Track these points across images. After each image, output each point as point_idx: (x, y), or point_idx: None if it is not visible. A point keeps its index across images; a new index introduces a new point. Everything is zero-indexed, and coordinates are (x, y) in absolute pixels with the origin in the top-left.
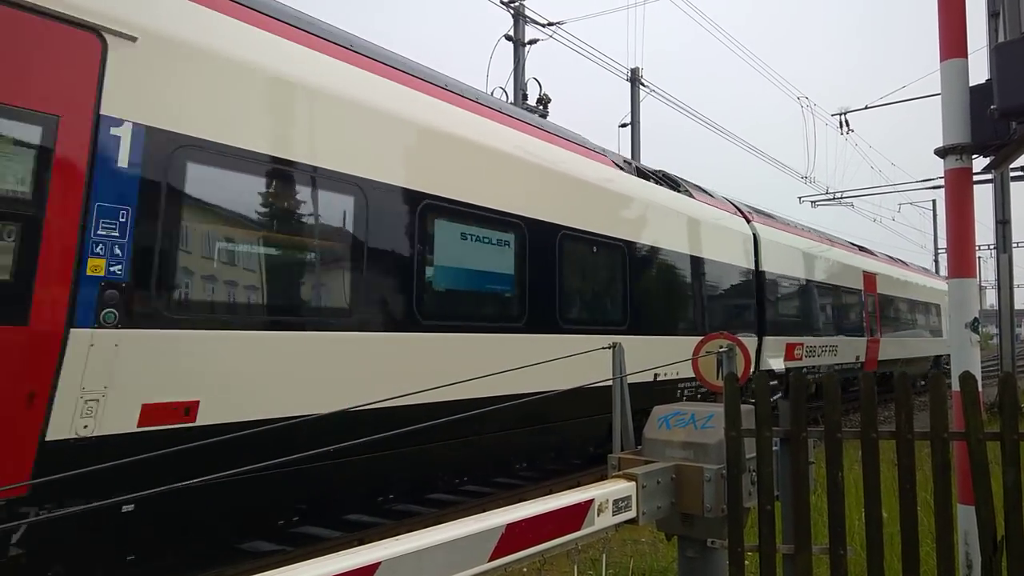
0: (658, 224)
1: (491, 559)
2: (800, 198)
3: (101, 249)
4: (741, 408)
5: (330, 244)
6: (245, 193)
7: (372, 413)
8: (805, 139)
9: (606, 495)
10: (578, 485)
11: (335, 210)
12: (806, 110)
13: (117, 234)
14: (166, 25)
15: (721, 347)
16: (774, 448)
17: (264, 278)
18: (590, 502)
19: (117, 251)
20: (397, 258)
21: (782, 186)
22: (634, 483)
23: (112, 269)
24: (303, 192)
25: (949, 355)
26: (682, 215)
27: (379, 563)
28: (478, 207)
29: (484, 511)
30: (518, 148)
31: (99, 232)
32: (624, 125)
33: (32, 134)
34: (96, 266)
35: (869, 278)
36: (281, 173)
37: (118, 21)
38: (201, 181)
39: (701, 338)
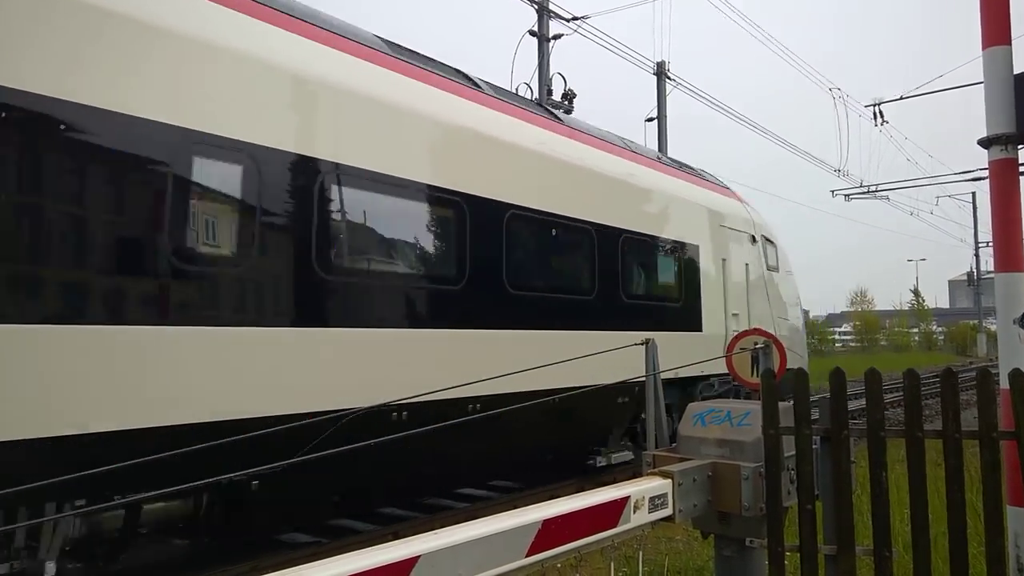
0: None
1: (528, 555)
2: (833, 192)
3: None
4: (779, 405)
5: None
6: None
7: None
8: (838, 131)
9: (642, 492)
10: (614, 482)
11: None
12: (838, 101)
13: None
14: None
15: (757, 343)
16: (813, 446)
17: None
18: (626, 499)
19: None
20: None
21: (815, 180)
22: (670, 480)
23: None
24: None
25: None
26: None
27: (418, 556)
28: None
29: (515, 507)
30: None
31: None
32: (651, 119)
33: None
34: None
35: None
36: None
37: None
38: None
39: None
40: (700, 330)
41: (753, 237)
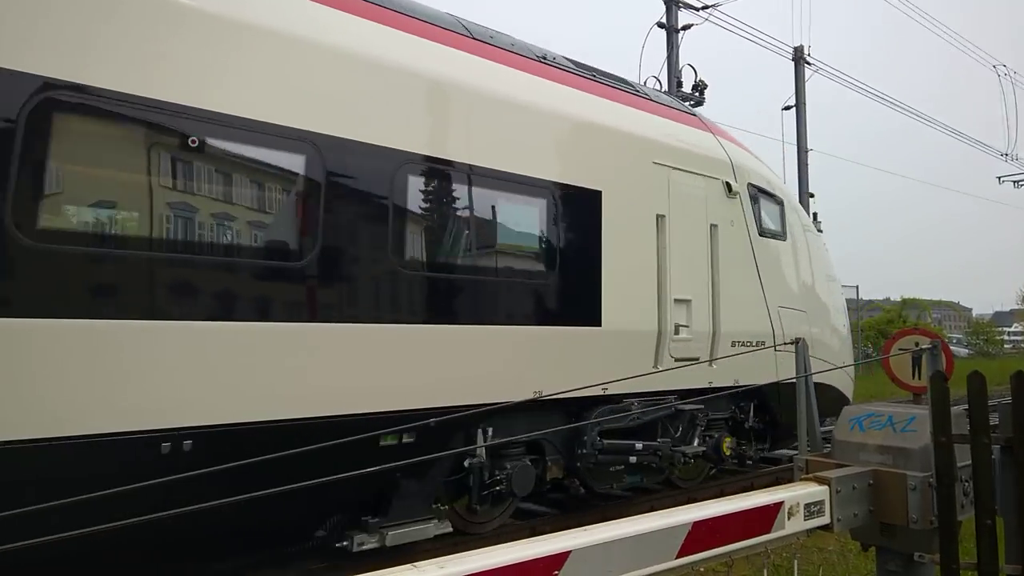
0: None
1: (678, 556)
2: (1000, 178)
3: None
4: (951, 411)
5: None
6: None
7: None
8: (1004, 111)
9: (796, 498)
10: (752, 487)
11: None
12: (1004, 79)
13: None
14: None
15: (917, 344)
16: (992, 457)
17: None
18: (780, 504)
19: None
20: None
21: (978, 166)
22: (827, 487)
23: None
24: None
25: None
26: None
27: (569, 551)
28: None
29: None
30: None
31: None
32: (788, 107)
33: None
34: None
35: None
36: None
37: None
38: None
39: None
40: (597, 323)
41: (728, 185)
